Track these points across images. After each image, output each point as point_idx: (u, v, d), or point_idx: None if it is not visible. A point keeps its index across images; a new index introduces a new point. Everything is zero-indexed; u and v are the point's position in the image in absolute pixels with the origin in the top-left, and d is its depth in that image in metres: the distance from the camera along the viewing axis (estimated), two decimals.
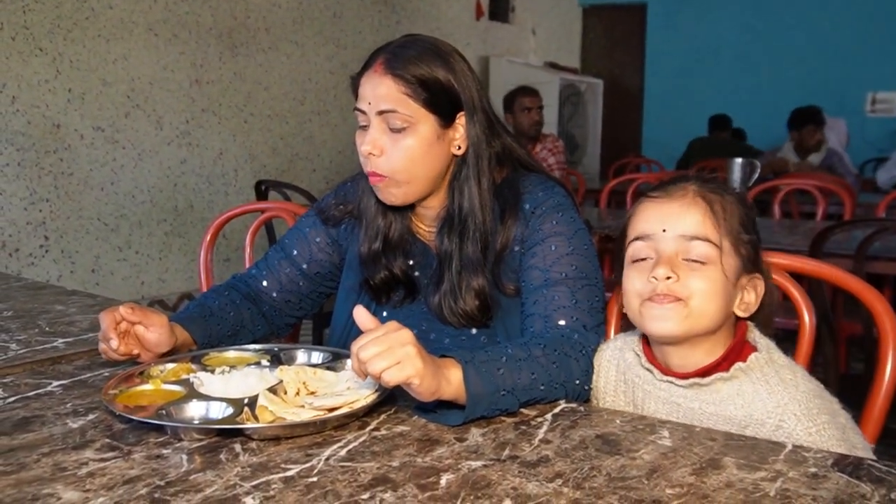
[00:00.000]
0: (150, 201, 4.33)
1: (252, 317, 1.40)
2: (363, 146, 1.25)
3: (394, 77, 1.23)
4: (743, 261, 1.07)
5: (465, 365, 1.02)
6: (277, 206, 2.16)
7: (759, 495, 0.81)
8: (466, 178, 1.30)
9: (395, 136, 1.24)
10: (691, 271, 1.04)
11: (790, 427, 0.99)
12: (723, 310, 1.06)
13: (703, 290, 1.04)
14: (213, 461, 0.89)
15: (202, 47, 4.56)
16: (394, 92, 1.23)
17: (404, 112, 1.23)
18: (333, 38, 5.55)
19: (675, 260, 1.05)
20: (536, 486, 0.83)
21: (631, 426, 1.01)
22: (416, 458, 0.90)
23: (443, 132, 1.27)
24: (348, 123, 5.72)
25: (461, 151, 1.30)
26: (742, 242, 1.07)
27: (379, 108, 1.24)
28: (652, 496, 0.81)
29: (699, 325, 1.05)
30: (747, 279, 1.08)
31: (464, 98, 1.27)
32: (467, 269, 1.28)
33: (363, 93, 1.26)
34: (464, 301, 1.28)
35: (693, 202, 1.06)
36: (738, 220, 1.07)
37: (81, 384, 1.15)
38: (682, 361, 1.08)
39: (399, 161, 1.25)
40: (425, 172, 1.28)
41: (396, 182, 1.27)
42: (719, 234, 1.05)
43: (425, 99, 1.24)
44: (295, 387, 1.06)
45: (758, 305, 1.09)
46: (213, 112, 4.66)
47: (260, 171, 4.99)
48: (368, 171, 1.28)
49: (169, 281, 4.49)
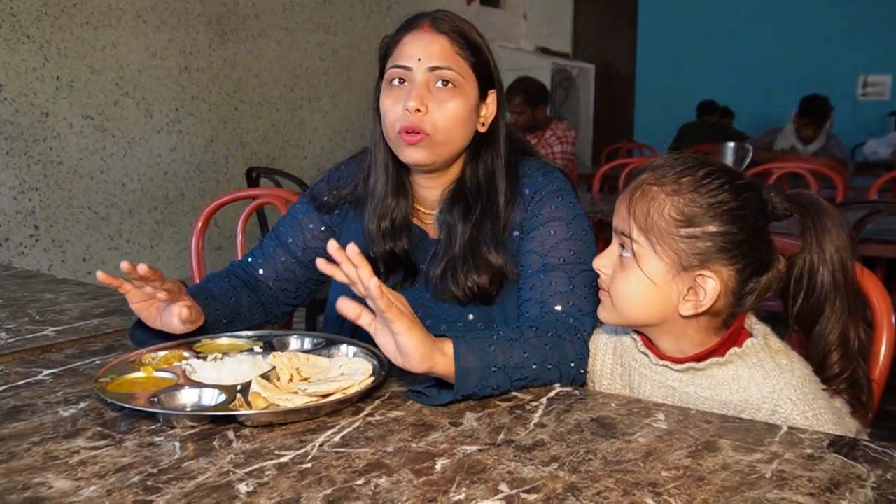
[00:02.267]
0: (141, 189, 4.31)
1: (251, 304, 1.39)
2: (410, 101, 1.24)
3: (447, 36, 1.26)
4: (681, 257, 1.00)
5: (456, 340, 1.02)
6: (268, 192, 2.15)
7: (756, 477, 0.81)
8: (491, 154, 1.32)
9: (441, 96, 1.25)
10: (620, 268, 1.06)
11: (786, 412, 0.99)
12: (645, 307, 1.04)
13: (618, 288, 1.05)
14: (206, 448, 0.88)
15: (191, 34, 4.52)
16: (448, 50, 1.25)
17: (457, 70, 1.25)
18: (324, 24, 5.51)
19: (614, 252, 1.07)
20: (532, 470, 0.83)
21: (626, 409, 1.01)
22: (410, 443, 0.90)
23: (478, 104, 1.30)
24: (339, 110, 5.70)
25: (484, 129, 1.32)
26: (677, 238, 1.00)
27: (432, 63, 1.24)
28: (648, 479, 0.81)
29: (623, 319, 1.08)
30: (691, 276, 1.01)
31: (496, 76, 1.30)
32: (486, 245, 1.28)
33: (410, 50, 1.26)
34: (477, 274, 1.27)
35: (624, 198, 1.06)
36: (672, 216, 1.00)
37: (72, 373, 1.14)
38: (669, 347, 1.08)
39: (443, 120, 1.25)
40: (461, 138, 1.29)
41: (433, 142, 1.26)
42: (632, 230, 1.03)
43: (473, 63, 1.27)
44: (288, 373, 1.05)
45: (712, 302, 1.01)
46: (203, 99, 4.63)
47: (251, 158, 4.96)
48: (406, 126, 1.25)
49: (161, 269, 4.46)
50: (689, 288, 1.02)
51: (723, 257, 1.00)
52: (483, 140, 1.33)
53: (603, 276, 1.08)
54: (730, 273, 1.01)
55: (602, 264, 1.08)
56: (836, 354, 1.03)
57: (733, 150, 4.58)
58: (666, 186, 1.02)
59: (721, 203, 1.00)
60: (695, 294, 1.02)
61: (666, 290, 1.02)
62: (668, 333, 1.07)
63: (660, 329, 1.07)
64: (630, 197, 1.04)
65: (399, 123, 1.26)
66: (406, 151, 1.28)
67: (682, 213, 1.00)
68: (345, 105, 5.76)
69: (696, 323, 1.05)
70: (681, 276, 1.02)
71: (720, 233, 0.99)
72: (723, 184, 1.00)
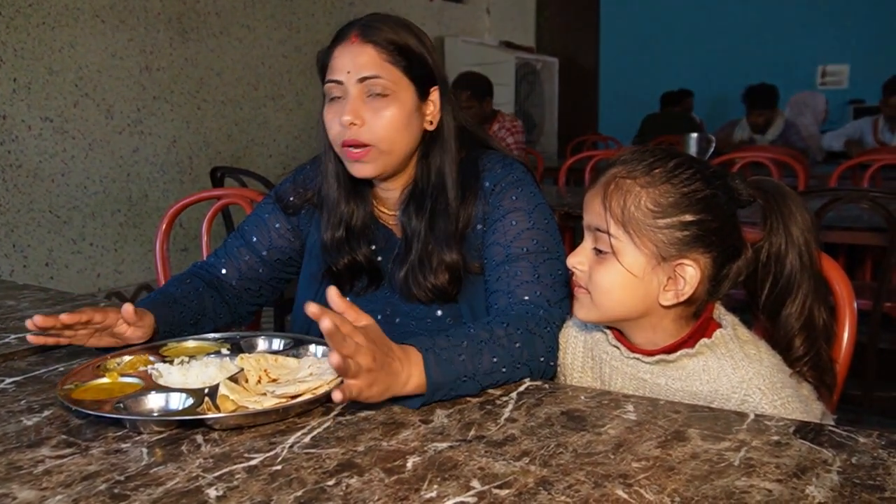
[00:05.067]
0: (103, 192, 4.24)
1: (214, 305, 1.37)
2: (344, 116, 1.23)
3: (374, 45, 1.23)
4: (660, 247, 1.01)
5: (426, 353, 1.01)
6: (233, 192, 2.13)
7: (724, 465, 0.82)
8: (438, 153, 1.31)
9: (375, 105, 1.24)
10: (597, 264, 1.05)
11: (755, 401, 1.00)
12: (628, 301, 1.04)
13: (598, 284, 1.05)
14: (175, 453, 0.87)
15: (151, 33, 4.46)
16: (376, 59, 1.23)
17: (387, 78, 1.23)
18: (286, 21, 5.46)
19: (587, 248, 1.07)
20: (503, 465, 0.83)
21: (596, 402, 1.01)
22: (381, 441, 0.89)
23: (419, 104, 1.28)
24: (303, 108, 5.66)
25: (433, 127, 1.31)
26: (655, 229, 1.01)
27: (361, 75, 1.22)
28: (618, 470, 0.81)
29: (605, 315, 1.08)
30: (670, 266, 1.02)
31: (437, 72, 1.28)
32: (439, 244, 1.28)
33: (340, 64, 1.24)
34: (434, 276, 1.27)
35: (596, 193, 1.06)
36: (648, 207, 1.01)
37: (35, 380, 1.12)
38: (643, 340, 1.09)
39: (382, 129, 1.24)
40: (404, 144, 1.28)
41: (378, 152, 1.25)
42: (609, 225, 1.03)
43: (405, 67, 1.25)
44: (256, 374, 1.04)
45: (693, 290, 1.03)
46: (165, 99, 4.57)
47: (215, 157, 4.91)
48: (346, 140, 1.25)
49: (125, 272, 4.41)
50: (668, 278, 1.03)
51: (700, 245, 1.02)
52: (432, 138, 1.32)
53: (578, 274, 1.08)
54: (706, 261, 1.03)
55: (577, 261, 1.08)
56: (801, 337, 1.05)
57: (696, 140, 4.62)
58: (639, 179, 1.02)
59: (695, 192, 1.01)
60: (674, 283, 1.03)
61: (647, 282, 1.03)
62: (645, 326, 1.07)
63: (638, 322, 1.07)
64: (603, 192, 1.04)
65: (339, 138, 1.26)
66: (353, 167, 1.28)
67: (659, 204, 1.01)
68: (309, 103, 5.71)
69: (673, 312, 1.06)
70: (661, 267, 1.02)
71: (696, 221, 1.01)
72: (694, 173, 1.02)
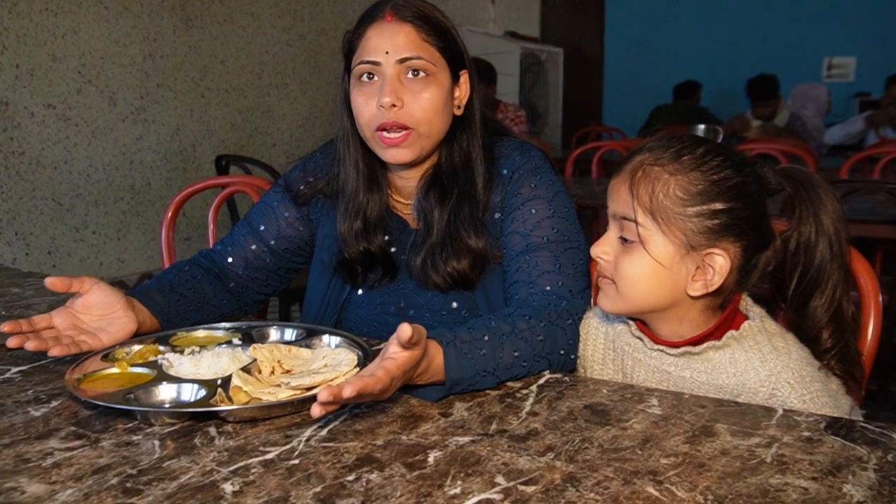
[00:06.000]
0: (106, 180, 4.21)
1: (216, 292, 1.34)
2: (384, 98, 1.18)
3: (413, 24, 1.20)
4: (689, 236, 0.98)
5: (446, 347, 0.98)
6: (240, 180, 2.10)
7: (756, 462, 0.79)
8: (466, 138, 1.28)
9: (415, 87, 1.20)
10: (623, 253, 1.02)
11: (784, 395, 0.97)
12: (656, 291, 1.01)
13: (624, 274, 1.02)
14: (188, 446, 0.84)
15: (155, 20, 4.42)
16: (415, 38, 1.20)
17: (427, 59, 1.20)
18: (290, 9, 5.42)
19: (613, 238, 1.04)
20: (528, 460, 0.80)
21: (619, 395, 0.98)
22: (400, 435, 0.87)
23: (452, 87, 1.25)
24: (307, 97, 5.62)
25: (460, 111, 1.28)
26: (684, 217, 0.98)
27: (401, 55, 1.19)
28: (647, 467, 0.78)
29: (631, 306, 1.05)
30: (699, 255, 0.99)
31: (466, 56, 1.26)
32: (465, 229, 1.24)
33: (376, 43, 1.20)
34: (456, 259, 1.24)
35: (622, 181, 1.03)
36: (678, 195, 0.98)
37: (42, 370, 1.09)
38: (668, 332, 1.06)
39: (422, 111, 1.20)
40: (441, 127, 1.25)
41: (417, 135, 1.22)
42: (636, 213, 1.00)
43: (441, 48, 1.22)
44: (269, 365, 1.02)
45: (722, 280, 1.00)
46: (169, 87, 4.54)
47: (218, 146, 4.88)
48: (384, 123, 1.20)
49: (128, 261, 4.39)
50: (696, 268, 1.00)
51: (730, 234, 0.99)
52: (458, 123, 1.29)
53: (603, 264, 1.05)
54: (736, 250, 1.00)
55: (601, 251, 1.04)
56: (829, 329, 1.02)
57: (704, 131, 4.58)
58: (667, 166, 0.99)
59: (725, 179, 0.98)
60: (703, 273, 1.00)
61: (675, 272, 1.00)
62: (672, 317, 1.04)
63: (664, 313, 1.04)
64: (630, 179, 1.01)
65: (375, 121, 1.21)
66: (388, 153, 1.23)
67: (688, 192, 0.98)
68: (313, 91, 5.68)
69: (700, 304, 1.03)
70: (689, 256, 0.99)
71: (727, 209, 0.98)
72: (724, 160, 0.99)
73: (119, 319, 1.15)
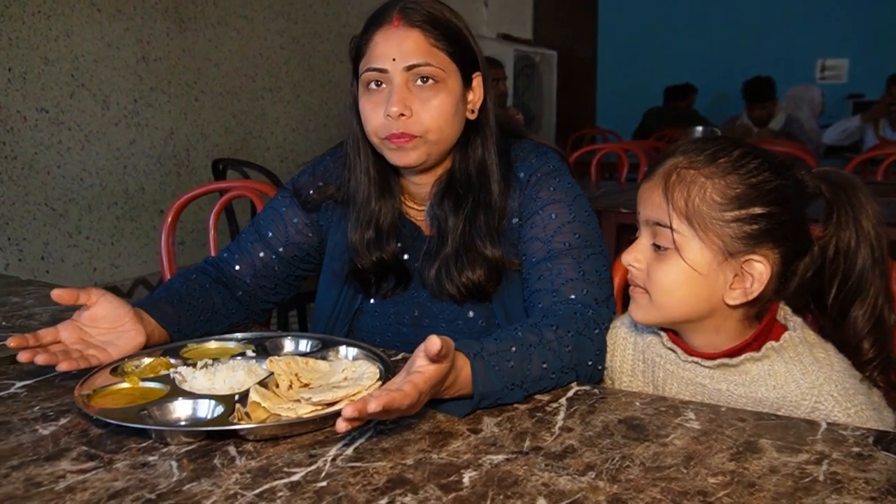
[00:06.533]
0: (100, 184, 4.15)
1: (224, 301, 1.29)
2: (391, 107, 1.14)
3: (420, 28, 1.15)
4: (727, 242, 0.94)
5: (474, 359, 0.93)
6: (241, 184, 2.05)
7: (808, 480, 0.75)
8: (480, 143, 1.23)
9: (424, 94, 1.16)
10: (657, 261, 0.98)
11: (827, 409, 0.93)
12: (692, 300, 0.97)
13: (659, 282, 0.98)
14: (207, 468, 0.80)
15: (148, 23, 4.36)
16: (423, 44, 1.15)
17: (436, 65, 1.16)
18: (283, 12, 5.37)
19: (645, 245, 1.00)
20: (568, 480, 0.76)
21: (653, 409, 0.94)
22: (430, 454, 0.83)
23: (464, 92, 1.21)
24: (301, 100, 5.57)
25: (474, 116, 1.23)
26: (722, 223, 0.94)
27: (408, 62, 1.15)
28: (695, 487, 0.74)
29: (666, 316, 1.01)
30: (737, 262, 0.95)
31: (479, 57, 1.21)
32: (480, 238, 1.20)
33: (383, 50, 1.16)
34: (471, 270, 1.20)
35: (655, 186, 0.99)
36: (715, 199, 0.94)
37: (48, 384, 1.04)
38: (702, 343, 1.02)
39: (431, 120, 1.16)
40: (451, 134, 1.20)
41: (426, 143, 1.17)
42: (672, 218, 0.96)
43: (451, 52, 1.17)
44: (287, 379, 0.97)
45: (762, 288, 0.96)
46: (162, 90, 4.48)
47: (213, 150, 4.82)
48: (393, 133, 1.16)
49: (122, 266, 4.32)
50: (734, 275, 0.96)
51: (769, 240, 0.94)
52: (472, 127, 1.24)
53: (635, 273, 1.01)
54: (775, 256, 0.96)
55: (633, 259, 1.00)
56: (870, 339, 0.98)
57: (702, 133, 4.57)
58: (703, 169, 0.95)
59: (763, 183, 0.94)
60: (742, 281, 0.96)
61: (712, 280, 0.96)
62: (708, 327, 1.00)
63: (700, 323, 1.00)
64: (664, 183, 0.96)
65: (383, 130, 1.17)
66: (395, 155, 1.19)
67: (726, 196, 0.94)
68: (307, 95, 5.63)
69: (738, 313, 0.99)
70: (727, 263, 0.95)
71: (766, 214, 0.94)
72: (761, 163, 0.95)
73: (128, 332, 1.11)
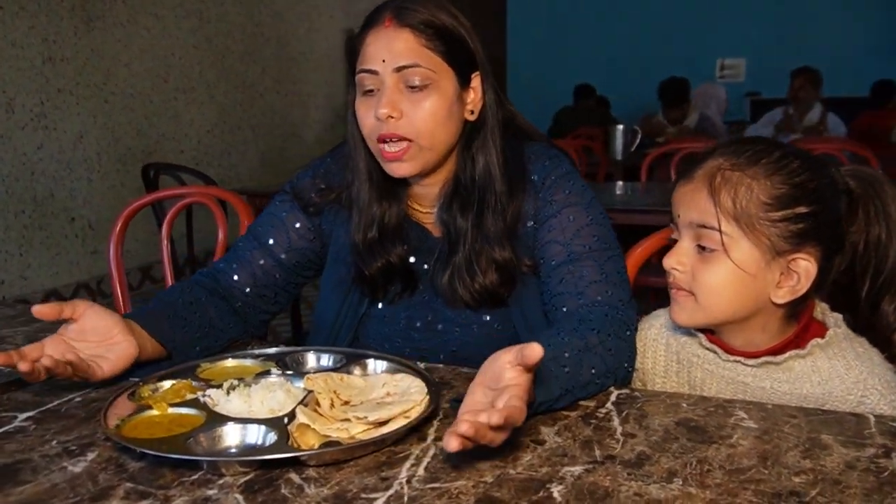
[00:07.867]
0: (6, 191, 3.91)
1: (221, 315, 1.22)
2: (380, 109, 1.10)
3: (412, 29, 1.11)
4: (774, 242, 0.96)
5: None
6: (198, 190, 1.95)
7: (888, 475, 0.76)
8: (482, 145, 1.19)
9: (415, 96, 1.12)
10: (702, 263, 0.99)
11: (872, 403, 0.95)
12: (739, 300, 0.98)
13: (706, 284, 0.99)
14: (277, 498, 0.74)
15: (54, 21, 4.13)
16: (413, 45, 1.11)
17: (427, 66, 1.11)
18: (195, 10, 5.19)
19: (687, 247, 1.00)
20: (658, 488, 0.75)
21: (702, 409, 0.94)
22: (506, 469, 0.79)
23: (460, 93, 1.16)
24: (215, 101, 5.41)
25: (474, 117, 1.19)
26: (769, 223, 0.95)
27: (398, 63, 1.10)
28: (784, 487, 0.74)
29: (713, 317, 1.01)
30: (784, 261, 0.97)
31: (478, 57, 1.17)
32: (489, 242, 1.17)
33: (373, 51, 1.12)
34: (483, 276, 1.17)
35: (698, 188, 0.99)
36: (762, 200, 0.95)
37: (55, 415, 0.95)
38: (742, 342, 1.03)
39: (422, 122, 1.12)
40: (445, 138, 1.16)
41: (418, 148, 1.13)
42: (720, 220, 0.96)
43: (445, 53, 1.13)
44: (328, 397, 0.92)
45: (809, 285, 0.97)
46: (70, 92, 4.26)
47: (125, 153, 4.62)
48: (383, 134, 1.12)
49: (32, 278, 4.08)
50: (780, 274, 0.97)
51: (813, 238, 0.96)
52: (474, 128, 1.22)
53: (678, 276, 1.01)
54: (818, 254, 0.97)
55: (675, 262, 1.00)
56: None
57: (622, 132, 4.66)
58: (747, 170, 0.96)
59: (806, 182, 0.96)
60: (788, 279, 0.97)
61: (759, 279, 0.97)
62: (753, 326, 1.01)
63: (745, 322, 1.00)
64: (709, 185, 0.97)
65: (375, 133, 1.14)
66: (389, 167, 1.16)
67: (772, 196, 0.95)
68: (221, 96, 5.46)
69: (781, 311, 1.00)
70: (775, 262, 0.97)
71: (811, 213, 0.95)
72: (802, 163, 0.96)
73: (118, 345, 1.03)
